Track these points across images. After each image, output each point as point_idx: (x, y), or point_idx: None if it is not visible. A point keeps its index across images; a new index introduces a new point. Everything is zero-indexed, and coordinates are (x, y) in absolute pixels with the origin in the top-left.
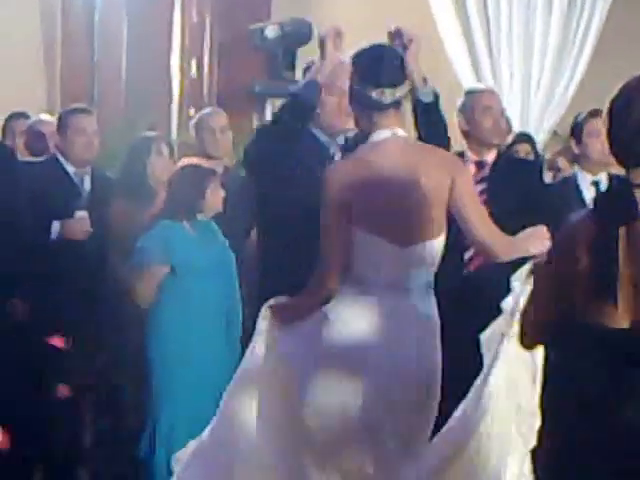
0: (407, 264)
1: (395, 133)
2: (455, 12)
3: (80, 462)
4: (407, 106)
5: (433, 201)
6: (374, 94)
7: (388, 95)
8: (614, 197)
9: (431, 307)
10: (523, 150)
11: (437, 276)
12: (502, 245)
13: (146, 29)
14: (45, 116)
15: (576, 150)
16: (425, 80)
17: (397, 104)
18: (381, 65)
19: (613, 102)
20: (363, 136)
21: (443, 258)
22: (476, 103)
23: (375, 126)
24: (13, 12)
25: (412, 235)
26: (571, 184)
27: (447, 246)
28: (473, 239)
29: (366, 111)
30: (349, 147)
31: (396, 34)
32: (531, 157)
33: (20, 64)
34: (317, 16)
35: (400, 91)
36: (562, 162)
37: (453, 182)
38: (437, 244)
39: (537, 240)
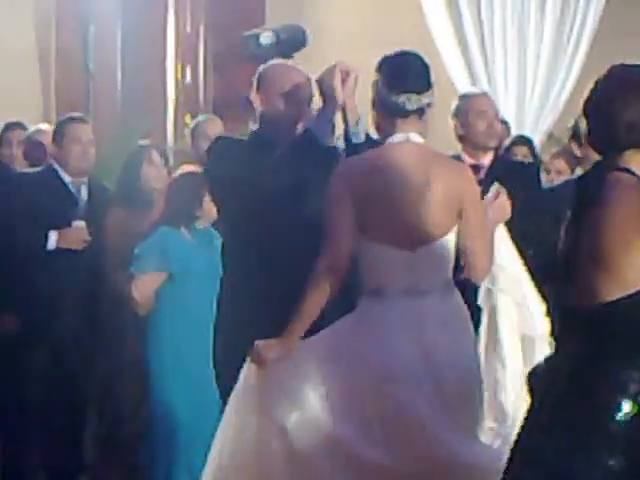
0: (418, 267)
1: (408, 137)
2: (448, 16)
3: (81, 470)
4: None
5: (442, 203)
6: (400, 100)
7: (413, 101)
8: (586, 180)
9: (455, 305)
10: (520, 153)
11: None
12: (484, 271)
13: (140, 38)
14: (44, 126)
15: (578, 153)
16: (358, 120)
17: (421, 111)
18: (407, 71)
19: (603, 94)
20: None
21: None
22: (470, 107)
23: (395, 131)
24: (7, 23)
25: (418, 238)
26: (573, 186)
27: None
28: (465, 257)
29: (389, 116)
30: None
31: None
32: (529, 160)
33: (15, 74)
34: (312, 22)
35: (425, 98)
36: (560, 164)
37: (463, 193)
38: (447, 242)
39: (499, 214)
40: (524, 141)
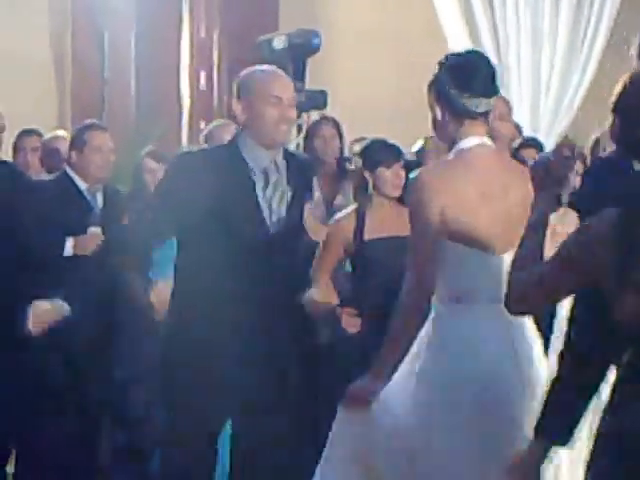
0: (499, 273)
1: (483, 141)
2: (462, 17)
3: (96, 475)
4: None
5: (520, 211)
6: (470, 102)
7: (483, 104)
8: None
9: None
10: (528, 155)
11: None
12: None
13: (155, 44)
14: (61, 132)
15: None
16: None
17: (487, 115)
18: (479, 73)
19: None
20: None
21: None
22: None
23: (463, 133)
24: (23, 31)
25: (503, 243)
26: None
27: None
28: None
29: (457, 116)
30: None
31: None
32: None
33: (31, 82)
34: (323, 21)
35: (493, 102)
36: (577, 165)
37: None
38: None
39: None
40: (532, 143)
